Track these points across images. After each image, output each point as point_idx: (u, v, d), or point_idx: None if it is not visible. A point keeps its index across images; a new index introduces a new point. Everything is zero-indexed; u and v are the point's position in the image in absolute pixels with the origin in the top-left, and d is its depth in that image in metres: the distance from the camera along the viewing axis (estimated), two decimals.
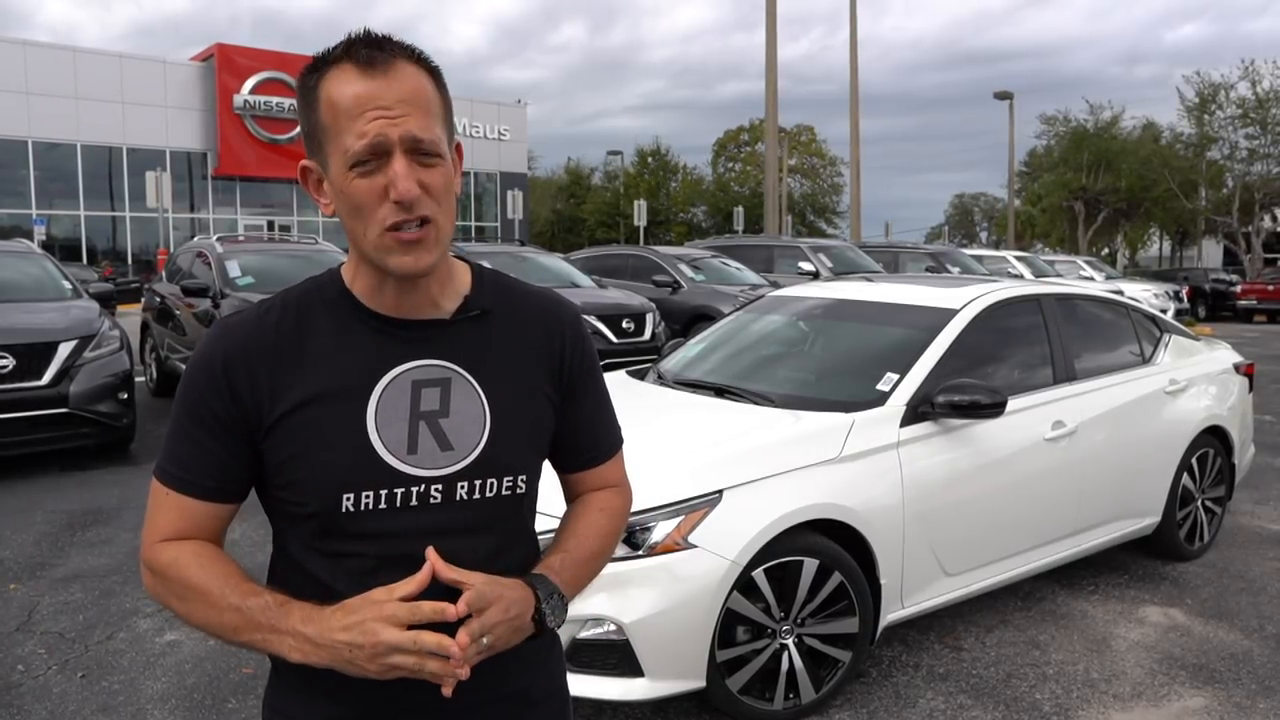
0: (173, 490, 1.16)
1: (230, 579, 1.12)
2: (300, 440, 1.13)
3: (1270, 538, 5.19)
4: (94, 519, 5.33)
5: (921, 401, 3.51)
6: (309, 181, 1.17)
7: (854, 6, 25.44)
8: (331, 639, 1.05)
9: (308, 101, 1.11)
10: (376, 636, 1.03)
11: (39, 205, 27.62)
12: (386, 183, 1.06)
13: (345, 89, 1.06)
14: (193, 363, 1.16)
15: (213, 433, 1.14)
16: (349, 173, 1.07)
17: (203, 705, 3.19)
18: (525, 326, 1.24)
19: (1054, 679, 3.46)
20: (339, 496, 1.12)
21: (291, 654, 1.07)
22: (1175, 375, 4.67)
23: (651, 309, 9.79)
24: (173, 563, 1.14)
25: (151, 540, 1.17)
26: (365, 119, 1.05)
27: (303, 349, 1.15)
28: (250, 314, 1.18)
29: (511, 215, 26.99)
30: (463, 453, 1.16)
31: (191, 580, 1.12)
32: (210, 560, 1.15)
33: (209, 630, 1.13)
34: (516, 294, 1.27)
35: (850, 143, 26.59)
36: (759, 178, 43.99)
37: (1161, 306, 17.49)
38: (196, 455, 1.15)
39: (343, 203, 1.10)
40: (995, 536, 3.73)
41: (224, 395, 1.13)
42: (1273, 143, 31.42)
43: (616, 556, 2.86)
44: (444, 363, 1.17)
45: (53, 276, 7.64)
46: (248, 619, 1.09)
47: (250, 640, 1.10)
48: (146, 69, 29.27)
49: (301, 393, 1.13)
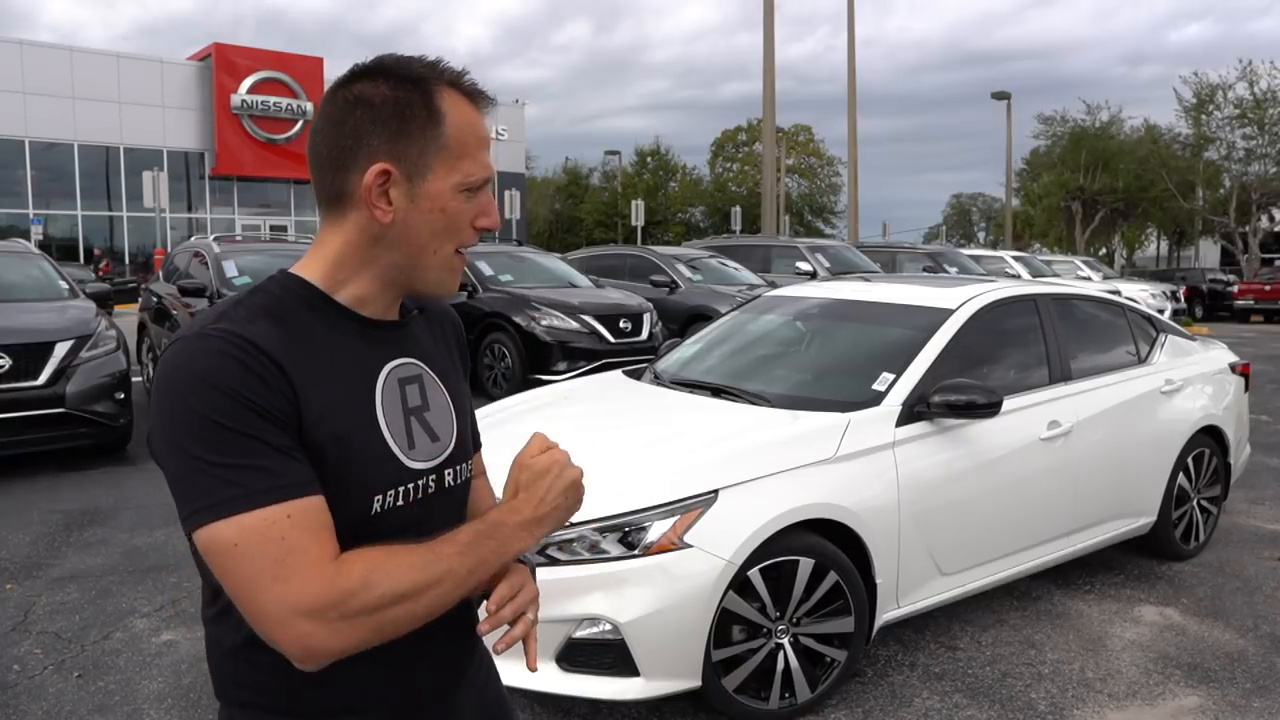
0: (297, 500, 0.98)
1: (418, 545, 1.05)
2: (331, 449, 1.06)
3: (1266, 537, 5.20)
4: (90, 519, 5.33)
5: (917, 401, 3.52)
6: (383, 184, 1.09)
7: (851, 8, 25.47)
8: (553, 500, 1.17)
9: (425, 112, 1.09)
10: (572, 475, 1.20)
11: (36, 205, 27.59)
12: (477, 214, 1.15)
13: (471, 118, 1.14)
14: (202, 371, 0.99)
15: (280, 426, 1.01)
16: (459, 194, 1.13)
17: (199, 705, 3.19)
18: (440, 323, 1.33)
19: (1049, 678, 3.47)
20: (371, 499, 1.11)
21: (525, 542, 1.15)
22: (1171, 375, 4.67)
23: (649, 309, 9.79)
24: (374, 568, 1.00)
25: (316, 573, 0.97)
26: (486, 151, 1.15)
27: (306, 353, 1.08)
28: (235, 321, 1.05)
29: (509, 215, 27.01)
30: (446, 443, 1.22)
31: (405, 567, 1.01)
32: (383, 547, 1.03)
33: (442, 604, 1.06)
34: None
35: (848, 143, 26.62)
36: (757, 178, 44.01)
37: (1158, 306, 17.51)
38: (285, 455, 1.00)
39: (436, 219, 1.12)
40: (991, 536, 3.74)
41: (269, 389, 1.01)
42: (1270, 143, 31.45)
43: (612, 556, 2.87)
44: (413, 360, 1.22)
45: (49, 276, 7.63)
46: (476, 554, 1.09)
47: (485, 571, 1.11)
48: (144, 69, 29.24)
49: (321, 399, 1.07)
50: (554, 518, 1.18)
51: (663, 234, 50.07)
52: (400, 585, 1.00)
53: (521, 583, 1.23)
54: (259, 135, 30.37)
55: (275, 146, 30.46)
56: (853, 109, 25.99)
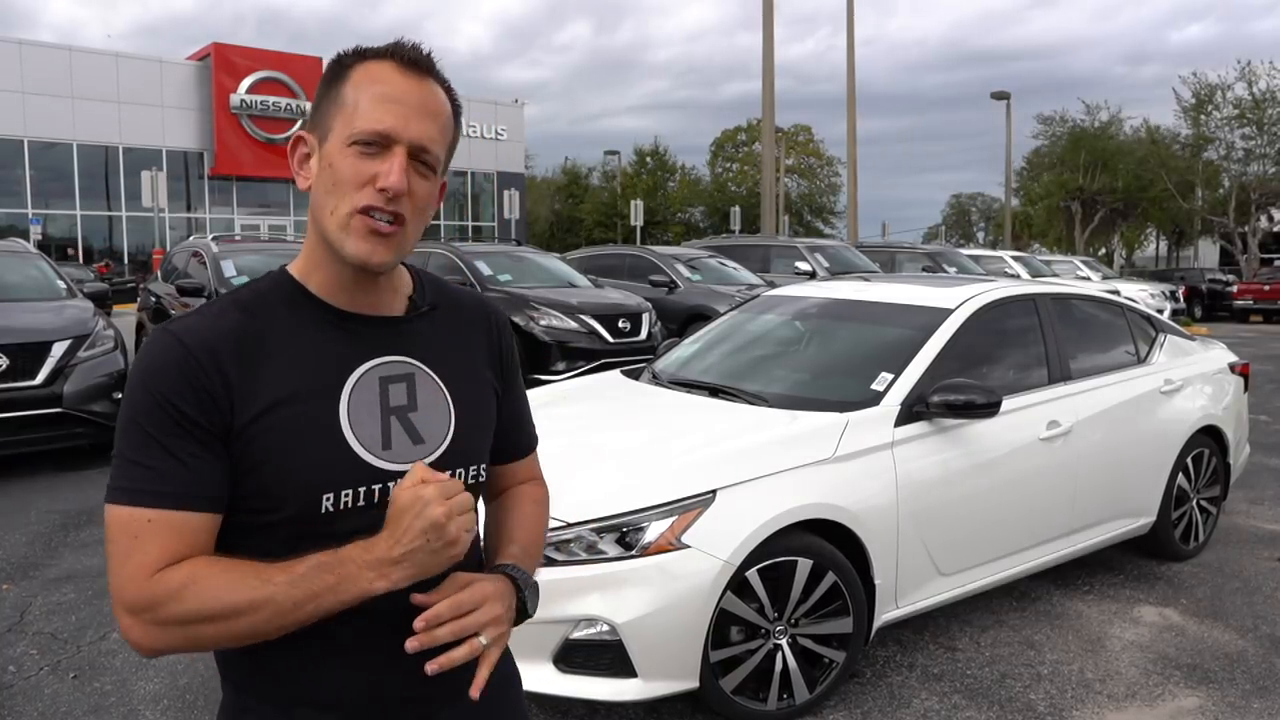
0: (162, 510, 1.04)
1: (261, 567, 1.04)
2: (274, 443, 1.08)
3: (1265, 537, 5.19)
4: (87, 519, 5.32)
5: (916, 401, 3.51)
6: (296, 153, 1.16)
7: (851, 9, 25.47)
8: (409, 543, 1.04)
9: (334, 75, 1.13)
10: (433, 515, 1.04)
11: (35, 205, 27.58)
12: (377, 173, 1.08)
13: (379, 77, 1.10)
14: (147, 370, 1.07)
15: (192, 436, 1.06)
16: (347, 147, 1.09)
17: (195, 706, 3.18)
18: (468, 323, 1.29)
19: (1049, 679, 3.46)
20: (319, 497, 1.09)
21: (376, 584, 1.04)
22: (1171, 375, 4.67)
23: (648, 309, 9.78)
24: (190, 582, 1.03)
25: (139, 576, 1.03)
26: (387, 108, 1.09)
27: (266, 348, 1.11)
28: (201, 315, 1.12)
29: (508, 215, 27.00)
30: (433, 445, 1.18)
31: (221, 593, 1.02)
32: (230, 564, 1.05)
33: (261, 630, 1.04)
34: (454, 294, 1.32)
35: (847, 142, 26.61)
36: (756, 178, 43.99)
37: (1158, 306, 17.51)
38: (179, 464, 1.05)
39: (326, 175, 1.10)
40: (990, 536, 3.73)
41: (193, 395, 1.06)
42: (1269, 143, 31.45)
43: (610, 556, 2.86)
44: (406, 358, 1.19)
45: (47, 276, 7.63)
46: (307, 586, 1.03)
47: (318, 606, 1.03)
48: (143, 68, 29.24)
49: (271, 394, 1.09)
50: (414, 560, 1.05)
51: (662, 234, 50.06)
52: (210, 606, 1.03)
53: (478, 600, 1.12)
54: (258, 135, 30.37)
55: (274, 146, 30.44)
56: (852, 109, 25.99)
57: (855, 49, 25.61)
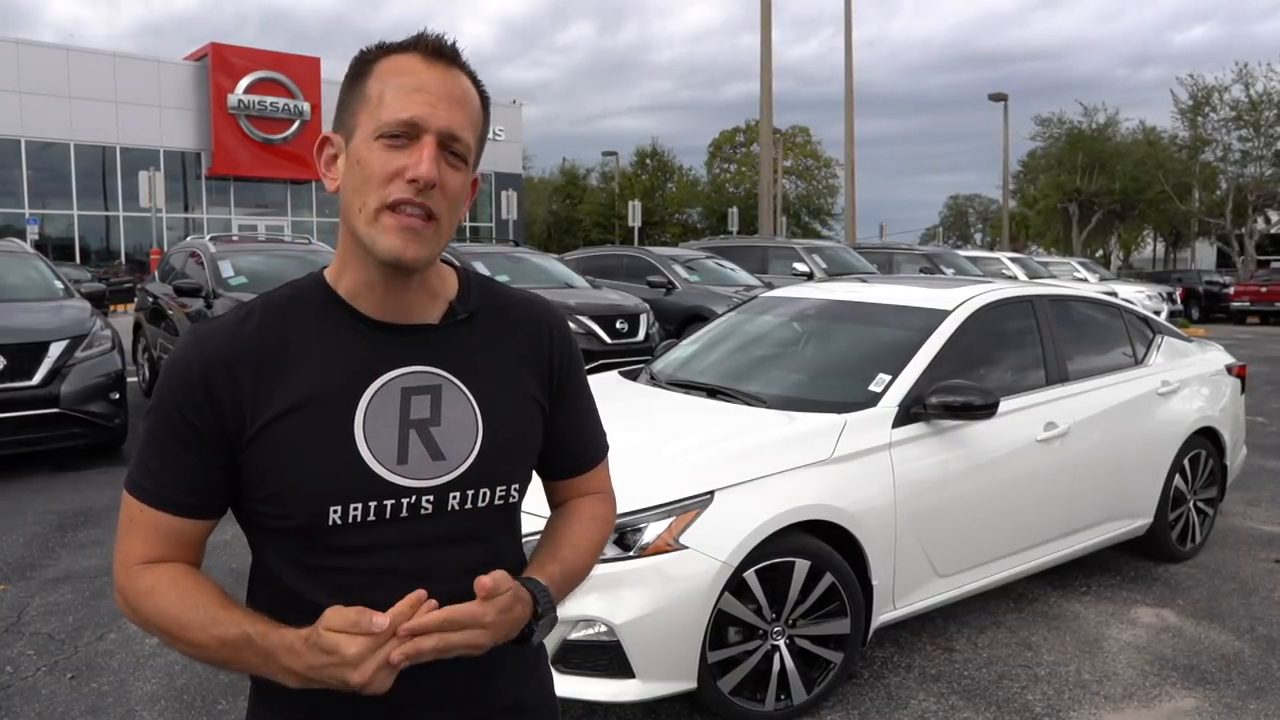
0: (148, 506, 1.10)
1: (210, 608, 1.06)
2: (284, 450, 1.07)
3: (1262, 539, 5.20)
4: (85, 520, 5.31)
5: (914, 402, 3.51)
6: (323, 154, 1.13)
7: (849, 11, 25.50)
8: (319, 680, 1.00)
9: (357, 71, 1.10)
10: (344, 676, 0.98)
11: (32, 205, 27.52)
12: (406, 164, 1.04)
13: (404, 68, 1.07)
14: (168, 370, 1.10)
15: (188, 445, 1.08)
16: (375, 141, 1.05)
17: (193, 706, 3.18)
18: (513, 331, 1.21)
19: (1046, 680, 3.47)
20: (325, 509, 1.07)
21: (290, 682, 1.03)
22: (1168, 377, 4.67)
23: (646, 310, 9.78)
24: (150, 591, 1.08)
25: (127, 563, 1.11)
26: (413, 98, 1.05)
27: (286, 354, 1.10)
28: (229, 319, 1.12)
29: (506, 216, 26.98)
30: (455, 462, 1.12)
31: (169, 612, 1.07)
32: (190, 589, 1.08)
33: (201, 659, 1.09)
34: (503, 298, 1.24)
35: (845, 144, 26.64)
36: (754, 179, 44.00)
37: (1155, 308, 17.56)
38: (172, 469, 1.09)
39: (354, 173, 1.07)
40: (987, 538, 3.74)
41: (202, 405, 1.07)
42: (1266, 145, 31.50)
43: (607, 557, 2.85)
44: (434, 369, 1.13)
45: (44, 276, 7.62)
46: (234, 653, 1.05)
47: (244, 669, 1.07)
48: (140, 68, 29.19)
49: (286, 400, 1.08)
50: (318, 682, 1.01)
51: (660, 235, 50.08)
52: (157, 620, 1.08)
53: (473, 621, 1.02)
54: (256, 135, 30.31)
55: (272, 146, 30.40)
56: (850, 109, 26.01)
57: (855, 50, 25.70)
